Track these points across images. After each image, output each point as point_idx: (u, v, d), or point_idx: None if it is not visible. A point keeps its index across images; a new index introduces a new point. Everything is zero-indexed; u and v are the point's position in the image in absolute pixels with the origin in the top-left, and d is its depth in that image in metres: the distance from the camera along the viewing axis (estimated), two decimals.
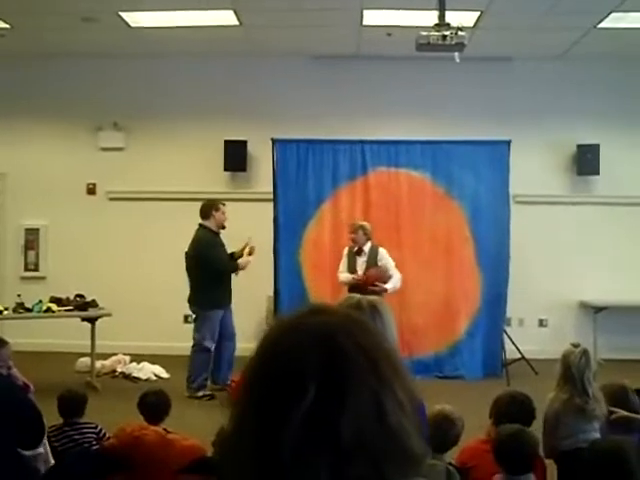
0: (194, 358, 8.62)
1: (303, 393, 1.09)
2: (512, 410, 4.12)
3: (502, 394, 4.34)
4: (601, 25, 9.30)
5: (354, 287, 8.52)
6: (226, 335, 8.61)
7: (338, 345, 1.14)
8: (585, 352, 4.58)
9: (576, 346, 4.67)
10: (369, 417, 1.11)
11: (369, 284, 8.53)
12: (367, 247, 8.89)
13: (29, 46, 10.37)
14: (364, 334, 1.19)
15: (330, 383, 1.10)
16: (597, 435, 4.38)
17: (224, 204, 8.82)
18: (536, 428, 4.11)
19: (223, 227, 8.74)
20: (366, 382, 1.12)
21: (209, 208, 8.73)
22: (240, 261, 8.64)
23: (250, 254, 8.74)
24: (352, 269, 8.85)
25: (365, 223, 9.08)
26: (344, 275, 8.89)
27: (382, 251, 8.92)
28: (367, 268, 8.76)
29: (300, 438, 1.08)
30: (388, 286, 8.66)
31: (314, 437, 1.08)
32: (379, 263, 8.80)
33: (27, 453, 3.90)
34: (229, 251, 8.82)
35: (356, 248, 8.91)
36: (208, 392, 8.42)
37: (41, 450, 4.17)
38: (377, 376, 1.14)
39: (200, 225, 8.75)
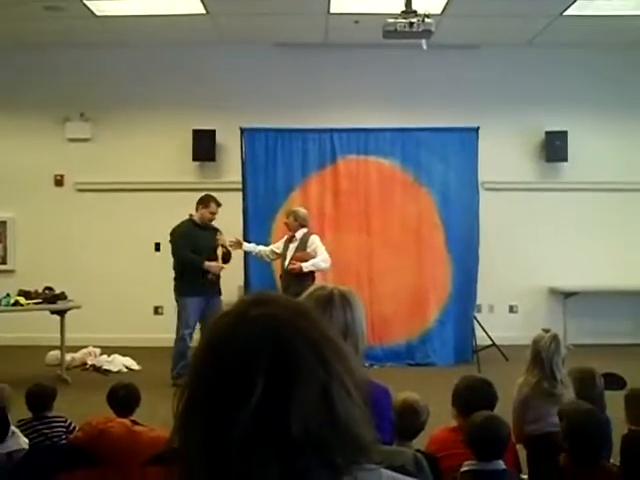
0: (174, 347, 8.60)
1: (251, 388, 1.09)
2: (472, 397, 4.13)
3: (459, 383, 4.33)
4: (567, 12, 9.35)
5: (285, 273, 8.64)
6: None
7: (284, 338, 1.14)
8: (555, 337, 4.61)
9: (547, 331, 4.69)
10: (317, 408, 1.11)
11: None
12: (299, 234, 8.76)
13: None
14: (309, 324, 1.19)
15: (278, 377, 1.10)
16: None
17: (219, 204, 8.76)
18: (503, 412, 4.12)
19: (205, 224, 8.74)
20: (313, 373, 1.12)
21: (199, 202, 8.79)
22: (208, 264, 8.59)
23: (225, 259, 8.77)
24: (284, 255, 8.78)
25: (300, 209, 8.99)
26: (253, 245, 9.10)
27: (314, 238, 8.79)
28: (295, 254, 8.70)
29: (249, 432, 1.08)
30: (304, 264, 8.51)
31: (263, 431, 1.08)
32: (309, 249, 8.68)
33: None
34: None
35: (290, 235, 8.82)
36: None
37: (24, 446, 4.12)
38: (324, 366, 1.14)
39: (189, 215, 8.84)
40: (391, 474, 1.25)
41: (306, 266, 8.51)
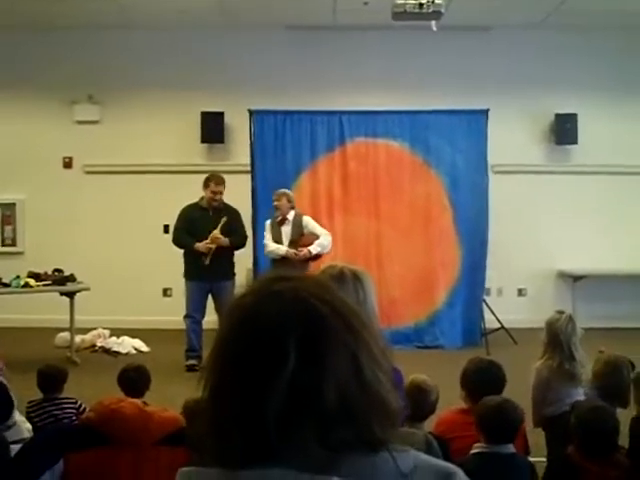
0: None
1: (285, 358, 1.10)
2: (481, 380, 4.14)
3: (468, 365, 4.34)
4: None
5: (282, 258, 8.34)
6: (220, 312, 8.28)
7: (313, 308, 1.15)
8: (571, 318, 4.63)
9: (561, 313, 4.70)
10: (349, 375, 1.13)
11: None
12: (291, 216, 8.54)
13: (0, 19, 10.19)
14: (332, 296, 1.20)
15: (310, 346, 1.12)
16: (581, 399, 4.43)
17: (219, 182, 8.55)
18: (511, 394, 4.12)
19: (213, 206, 8.55)
20: (342, 340, 1.14)
21: (203, 184, 8.61)
22: (197, 245, 8.35)
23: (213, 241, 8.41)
24: (277, 240, 8.50)
25: (288, 191, 8.80)
26: (275, 246, 8.46)
27: (306, 218, 8.62)
28: (292, 237, 8.45)
29: (285, 406, 1.09)
30: (312, 248, 8.30)
31: (299, 400, 1.10)
32: (304, 231, 8.47)
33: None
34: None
35: (279, 218, 8.55)
36: (191, 363, 8.28)
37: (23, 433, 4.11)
38: (352, 334, 1.16)
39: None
40: (423, 456, 1.26)
41: (314, 248, 8.35)
